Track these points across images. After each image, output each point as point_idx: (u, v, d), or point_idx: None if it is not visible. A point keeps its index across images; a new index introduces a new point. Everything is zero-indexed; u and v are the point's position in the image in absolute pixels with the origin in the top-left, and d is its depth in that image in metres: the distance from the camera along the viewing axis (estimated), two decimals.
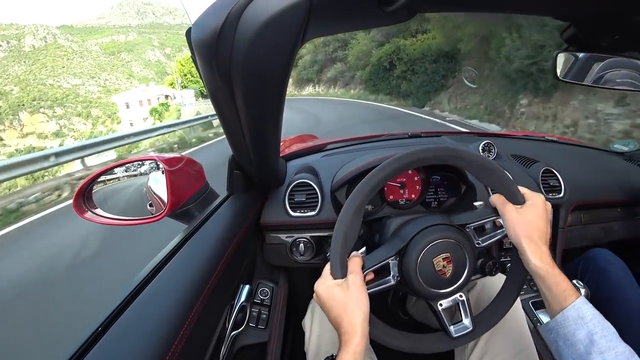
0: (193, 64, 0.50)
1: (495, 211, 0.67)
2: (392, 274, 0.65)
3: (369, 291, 0.61)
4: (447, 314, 0.66)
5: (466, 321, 0.66)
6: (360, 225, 0.62)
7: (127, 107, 55.87)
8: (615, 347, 0.51)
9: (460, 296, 0.66)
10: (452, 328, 0.65)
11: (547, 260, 0.59)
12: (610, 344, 0.51)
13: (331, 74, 26.18)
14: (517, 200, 0.64)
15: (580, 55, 0.83)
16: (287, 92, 0.59)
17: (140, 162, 0.93)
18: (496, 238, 0.68)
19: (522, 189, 0.66)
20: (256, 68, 0.44)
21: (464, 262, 0.64)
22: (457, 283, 0.64)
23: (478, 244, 0.67)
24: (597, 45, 0.73)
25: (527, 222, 0.61)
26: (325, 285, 0.60)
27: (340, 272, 0.60)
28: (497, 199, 0.65)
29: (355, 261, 0.62)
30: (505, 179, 0.65)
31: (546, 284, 0.58)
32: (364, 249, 0.67)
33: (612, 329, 0.53)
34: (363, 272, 0.61)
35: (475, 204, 0.73)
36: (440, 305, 0.65)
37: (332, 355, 0.59)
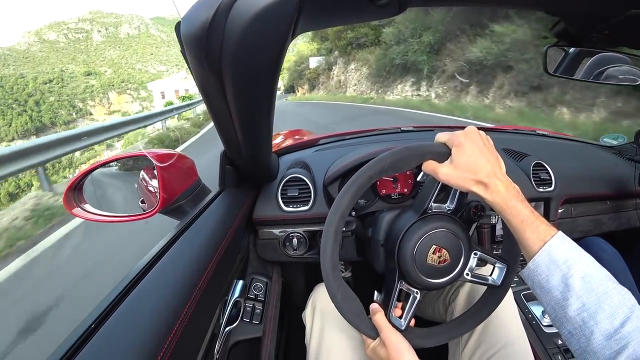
0: None
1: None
2: (413, 291, 0.67)
3: (406, 320, 0.65)
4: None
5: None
6: (339, 244, 0.64)
7: (163, 97, 53.14)
8: (594, 287, 0.46)
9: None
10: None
11: (503, 193, 0.55)
12: (589, 285, 0.46)
13: None
14: (444, 153, 0.60)
15: (570, 50, 0.84)
16: None
17: (131, 158, 0.92)
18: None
19: (442, 137, 0.62)
20: (246, 62, 0.43)
21: (460, 249, 0.66)
22: (460, 262, 0.66)
23: (449, 209, 0.68)
24: (587, 40, 0.73)
25: (462, 166, 0.57)
26: (370, 348, 0.64)
27: (372, 333, 0.64)
28: (426, 167, 0.61)
29: (378, 318, 0.64)
30: (417, 147, 0.61)
31: (508, 219, 0.54)
32: (378, 295, 0.70)
33: (593, 264, 0.48)
34: (388, 316, 0.65)
35: (418, 179, 0.74)
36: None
37: None
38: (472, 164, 0.56)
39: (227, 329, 0.80)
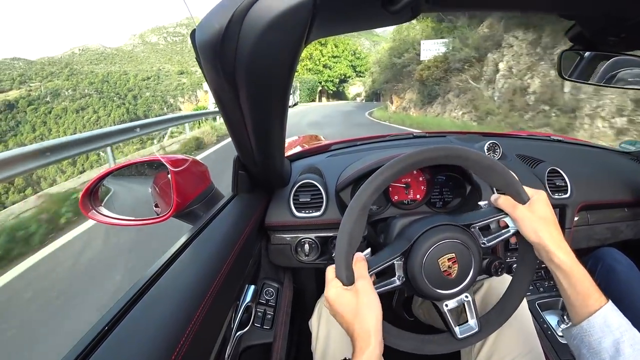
0: (312, 48, 0.50)
1: (501, 211, 0.66)
2: (397, 274, 0.65)
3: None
4: (453, 315, 0.65)
5: (472, 322, 0.65)
6: (365, 226, 0.62)
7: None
8: None
9: (466, 297, 0.65)
10: (457, 329, 0.65)
11: (571, 254, 0.58)
12: (638, 352, 0.49)
13: None
14: (523, 199, 0.63)
15: (586, 54, 0.83)
16: None
17: (145, 163, 0.94)
18: (502, 238, 0.67)
19: (524, 187, 0.66)
20: (260, 69, 0.44)
21: (470, 263, 0.64)
22: (462, 283, 0.64)
23: (483, 243, 0.66)
24: (603, 43, 0.72)
25: (541, 217, 0.60)
26: (335, 291, 0.59)
27: (348, 278, 0.60)
28: (504, 200, 0.64)
29: (360, 266, 0.61)
30: (511, 179, 0.64)
31: (571, 280, 0.57)
32: (368, 250, 0.66)
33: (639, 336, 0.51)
34: (369, 274, 0.61)
35: (480, 203, 0.73)
36: (446, 305, 0.65)
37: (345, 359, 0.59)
38: (550, 218, 0.61)
39: (238, 333, 0.80)
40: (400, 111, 19.32)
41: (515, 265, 0.70)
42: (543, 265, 1.08)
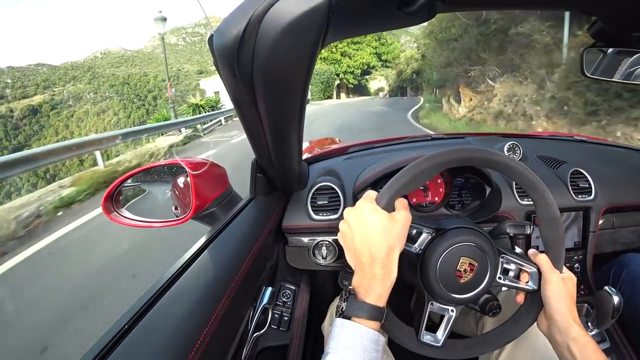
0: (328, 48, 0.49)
1: (531, 262, 0.64)
2: (417, 244, 0.63)
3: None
4: (430, 319, 0.64)
5: (439, 335, 0.64)
6: (426, 181, 0.62)
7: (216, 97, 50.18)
8: None
9: (452, 311, 0.64)
10: (423, 332, 0.63)
11: (584, 330, 0.58)
12: None
13: None
14: (560, 267, 0.63)
15: (609, 51, 0.81)
16: None
17: (165, 166, 0.96)
18: (514, 286, 0.65)
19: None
20: (278, 72, 0.45)
21: (481, 282, 0.62)
22: (462, 295, 0.62)
23: (499, 278, 0.64)
24: (626, 40, 0.70)
25: (569, 291, 0.61)
26: (372, 206, 0.57)
27: (388, 204, 0.58)
28: (544, 260, 0.63)
29: (404, 202, 0.60)
30: (562, 241, 0.63)
31: (585, 352, 0.56)
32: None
33: None
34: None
35: (517, 250, 0.70)
36: (431, 305, 0.64)
37: (352, 289, 0.56)
38: (573, 297, 0.62)
39: (255, 334, 0.81)
40: (484, 116, 10.46)
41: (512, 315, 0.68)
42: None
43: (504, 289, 0.67)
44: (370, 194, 0.60)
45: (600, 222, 1.12)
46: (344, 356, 0.49)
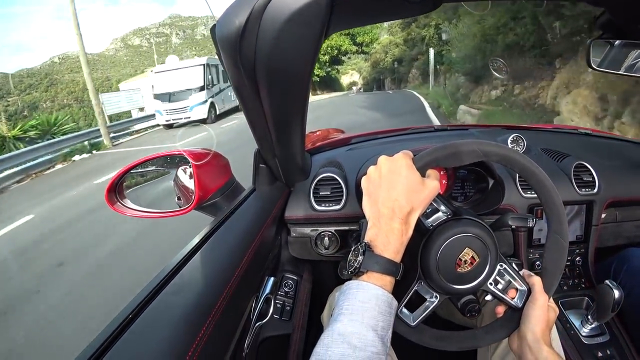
0: None
1: (522, 279, 0.64)
2: (430, 220, 0.63)
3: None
4: (412, 297, 0.64)
5: (415, 315, 0.63)
6: (453, 165, 0.61)
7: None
8: None
9: (436, 297, 0.63)
10: (402, 308, 0.63)
11: (554, 353, 0.58)
12: None
13: None
14: (550, 293, 0.62)
15: (616, 42, 0.80)
16: None
17: (168, 157, 0.96)
18: (500, 296, 0.64)
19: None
20: (280, 63, 0.44)
21: (474, 278, 0.61)
22: (453, 285, 0.61)
23: (490, 284, 0.63)
24: (634, 32, 0.69)
25: (549, 318, 0.61)
26: (408, 162, 0.57)
27: (424, 168, 0.59)
28: (537, 283, 0.62)
29: (437, 174, 0.60)
30: (562, 267, 0.63)
31: None
32: None
33: None
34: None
35: (514, 262, 0.70)
36: (420, 284, 0.63)
37: (365, 243, 0.54)
38: (550, 325, 0.62)
39: (257, 324, 0.82)
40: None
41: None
42: (567, 263, 1.06)
43: (488, 297, 0.66)
44: (409, 152, 0.60)
45: (603, 215, 1.11)
46: (359, 318, 0.47)
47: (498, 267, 0.63)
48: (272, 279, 0.88)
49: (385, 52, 35.38)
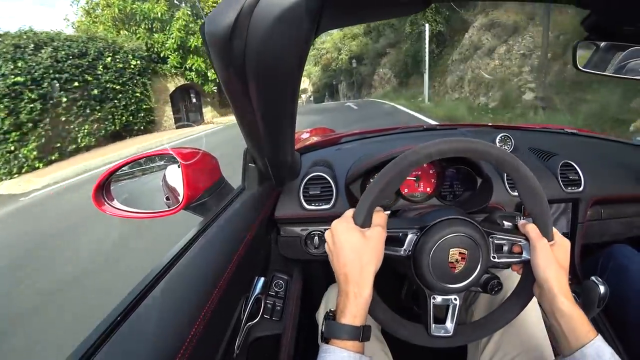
0: None
1: (523, 236, 0.65)
2: (405, 247, 0.64)
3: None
4: (435, 311, 0.65)
5: (448, 325, 0.65)
6: (397, 187, 0.62)
7: None
8: None
9: (455, 299, 0.65)
10: (433, 326, 0.64)
11: (571, 299, 0.59)
12: None
13: None
14: (549, 236, 0.63)
15: (602, 44, 0.81)
16: None
17: (156, 156, 0.95)
18: (511, 261, 0.66)
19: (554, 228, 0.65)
20: (270, 61, 0.44)
21: (475, 267, 0.63)
22: (459, 284, 0.63)
23: (493, 257, 0.65)
24: (619, 33, 0.70)
25: (558, 260, 0.61)
26: (346, 225, 0.59)
27: (365, 220, 0.59)
28: (533, 229, 0.63)
29: (382, 216, 0.61)
30: (547, 210, 0.63)
31: (569, 323, 0.57)
32: (388, 212, 0.66)
33: None
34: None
35: (505, 222, 0.71)
36: (434, 299, 0.64)
37: (332, 312, 0.58)
38: (564, 264, 0.62)
39: (248, 324, 0.81)
40: None
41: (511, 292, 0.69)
42: None
43: (502, 262, 0.67)
44: (348, 212, 0.62)
45: (589, 213, 1.13)
46: None
47: (490, 240, 0.65)
48: (262, 279, 0.88)
49: (338, 50, 27.76)
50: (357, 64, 25.21)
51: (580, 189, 1.10)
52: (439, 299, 0.65)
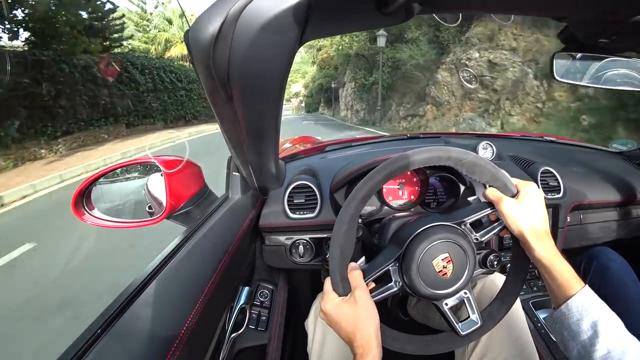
0: None
1: (490, 205, 0.66)
2: (394, 280, 0.65)
3: (373, 299, 0.62)
4: (454, 313, 0.66)
5: (473, 317, 0.66)
6: (355, 236, 0.62)
7: None
8: (619, 338, 0.51)
9: (465, 293, 0.66)
10: (459, 325, 0.65)
11: (551, 249, 0.59)
12: (615, 335, 0.51)
13: None
14: (511, 191, 0.64)
15: (578, 55, 0.84)
16: None
17: (139, 164, 0.93)
18: (494, 232, 0.67)
19: (514, 180, 0.66)
20: (255, 70, 0.44)
21: (464, 260, 0.64)
22: (459, 282, 0.64)
23: (476, 239, 0.67)
24: (594, 45, 0.73)
25: (526, 211, 0.61)
26: (332, 303, 0.60)
27: (344, 289, 0.60)
28: (491, 193, 0.65)
29: (356, 275, 0.62)
30: (497, 172, 0.64)
31: (551, 273, 0.58)
32: (362, 258, 0.67)
33: (618, 320, 0.53)
34: (365, 283, 0.62)
35: (469, 199, 0.73)
36: (446, 304, 0.65)
37: None
38: (536, 213, 0.61)
39: (232, 335, 0.80)
40: None
41: (509, 265, 0.71)
42: None
43: (486, 237, 0.68)
44: (326, 286, 0.63)
45: (569, 219, 1.16)
46: None
47: (463, 227, 0.67)
48: (246, 288, 0.87)
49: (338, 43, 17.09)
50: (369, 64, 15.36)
51: (560, 194, 1.13)
52: (450, 301, 0.66)
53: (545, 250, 0.59)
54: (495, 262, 0.71)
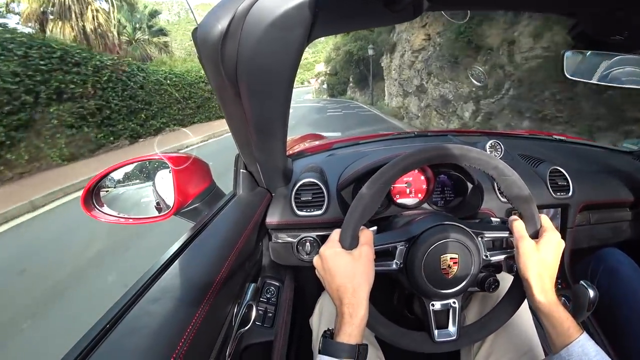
0: None
1: (508, 229, 0.66)
2: (396, 259, 0.65)
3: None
4: (436, 317, 0.66)
5: (452, 329, 0.65)
6: (379, 203, 0.62)
7: None
8: None
9: (454, 302, 0.65)
10: (436, 332, 0.65)
11: (552, 298, 0.59)
12: None
13: None
14: (535, 226, 0.63)
15: (588, 53, 0.83)
16: None
17: (147, 161, 0.94)
18: (503, 257, 0.67)
19: (543, 217, 0.65)
20: (263, 68, 0.44)
21: (469, 269, 0.63)
22: (456, 287, 0.64)
23: (486, 256, 0.66)
24: (605, 43, 0.72)
25: (541, 259, 0.61)
26: (334, 250, 0.60)
27: (351, 242, 0.60)
28: (517, 227, 0.64)
29: (367, 234, 0.62)
30: (531, 202, 0.64)
31: (550, 321, 0.58)
32: (374, 227, 0.67)
33: None
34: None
35: (493, 219, 0.72)
36: (433, 305, 0.65)
37: (330, 330, 0.59)
38: (549, 263, 0.61)
39: (239, 331, 0.80)
40: None
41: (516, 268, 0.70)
42: None
43: (495, 259, 0.68)
44: (334, 235, 0.63)
45: (578, 218, 1.15)
46: None
47: (479, 240, 0.66)
48: (253, 285, 0.87)
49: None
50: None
51: (569, 194, 1.12)
52: (438, 304, 0.65)
53: (547, 299, 0.59)
54: (492, 287, 0.70)
